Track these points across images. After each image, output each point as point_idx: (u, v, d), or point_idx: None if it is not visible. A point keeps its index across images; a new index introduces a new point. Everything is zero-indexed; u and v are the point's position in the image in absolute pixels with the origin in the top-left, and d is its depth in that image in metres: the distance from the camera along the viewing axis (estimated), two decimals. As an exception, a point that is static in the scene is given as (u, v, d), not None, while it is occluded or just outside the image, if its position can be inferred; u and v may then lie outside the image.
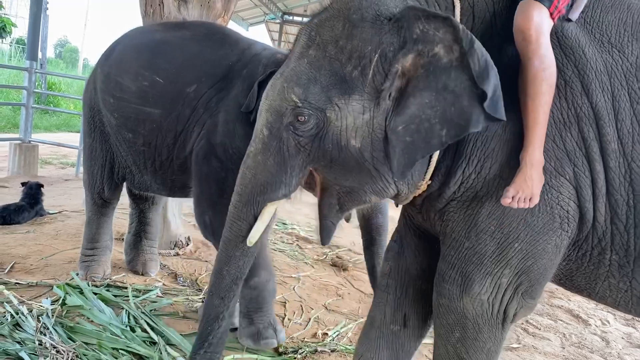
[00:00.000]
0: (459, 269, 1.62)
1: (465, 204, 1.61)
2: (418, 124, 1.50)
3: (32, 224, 4.11)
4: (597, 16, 1.57)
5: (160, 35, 2.68)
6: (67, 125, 12.50)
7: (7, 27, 17.18)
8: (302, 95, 1.55)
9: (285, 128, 1.59)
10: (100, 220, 3.10)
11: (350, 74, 1.52)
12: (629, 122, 1.50)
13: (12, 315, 2.37)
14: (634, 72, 1.51)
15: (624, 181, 1.51)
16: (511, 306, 1.63)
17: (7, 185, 5.80)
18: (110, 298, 2.74)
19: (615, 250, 1.56)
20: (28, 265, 3.17)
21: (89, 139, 2.94)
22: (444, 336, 1.71)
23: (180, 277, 3.36)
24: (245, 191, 1.68)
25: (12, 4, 28.80)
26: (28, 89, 6.77)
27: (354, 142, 1.55)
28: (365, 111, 1.53)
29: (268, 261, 2.47)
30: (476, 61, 1.43)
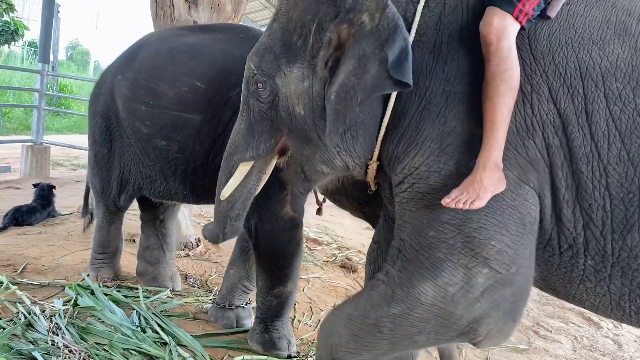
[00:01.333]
0: (426, 254, 1.53)
1: (419, 194, 1.56)
2: (345, 91, 1.52)
3: (44, 225, 4.15)
4: (582, 11, 1.54)
5: (192, 39, 2.57)
6: (78, 127, 12.59)
7: (19, 30, 17.34)
8: (258, 64, 1.69)
9: (251, 95, 1.74)
10: (112, 226, 3.04)
11: (295, 43, 1.62)
12: (604, 124, 1.45)
13: (24, 316, 2.39)
14: (613, 72, 1.46)
15: (599, 185, 1.46)
16: (486, 322, 1.53)
17: (20, 187, 5.86)
18: (121, 299, 2.75)
19: (590, 255, 1.51)
20: (40, 266, 3.20)
21: (102, 148, 2.81)
22: (375, 302, 1.61)
23: (190, 278, 3.37)
24: (227, 149, 1.87)
25: (25, 7, 29.09)
26: (40, 92, 6.84)
27: (299, 109, 1.66)
28: (304, 79, 1.62)
29: (297, 274, 2.44)
30: (385, 25, 1.46)
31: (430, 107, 1.55)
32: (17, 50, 23.25)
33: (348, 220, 5.00)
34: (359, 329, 1.63)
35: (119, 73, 2.68)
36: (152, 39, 2.80)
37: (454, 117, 1.53)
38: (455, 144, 1.53)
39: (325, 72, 1.58)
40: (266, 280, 2.37)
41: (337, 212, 3.90)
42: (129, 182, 2.79)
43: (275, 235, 2.31)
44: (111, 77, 2.74)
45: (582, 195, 1.48)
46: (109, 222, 3.01)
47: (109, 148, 2.78)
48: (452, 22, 1.58)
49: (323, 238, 4.69)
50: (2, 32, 16.69)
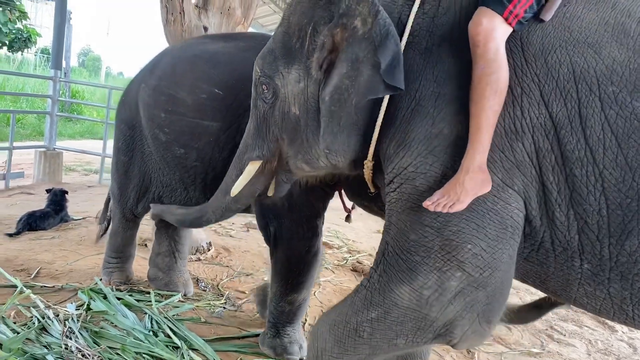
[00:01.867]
0: (405, 257, 1.55)
1: (405, 196, 1.57)
2: (340, 94, 1.57)
3: (57, 230, 4.19)
4: (579, 13, 1.51)
5: (213, 47, 2.57)
6: (90, 133, 12.72)
7: (32, 37, 17.54)
8: (261, 66, 1.77)
9: (259, 97, 1.82)
10: (127, 233, 3.06)
11: (294, 45, 1.68)
12: (599, 128, 1.42)
13: (38, 320, 2.41)
14: (609, 76, 1.43)
15: (594, 190, 1.43)
16: (461, 324, 1.54)
17: (33, 192, 5.92)
18: (133, 303, 2.77)
19: (586, 259, 1.49)
20: (53, 270, 3.23)
21: (124, 156, 2.83)
22: (356, 307, 1.63)
23: (201, 282, 3.38)
24: (240, 148, 1.96)
25: (37, 14, 29.44)
26: (53, 98, 6.90)
27: (294, 109, 1.71)
28: (300, 80, 1.67)
29: (312, 282, 2.44)
30: (378, 31, 1.50)
31: (419, 109, 1.56)
32: (30, 57, 23.51)
33: (359, 223, 4.99)
34: (342, 334, 1.66)
35: (143, 81, 2.70)
36: (175, 47, 2.82)
37: (442, 118, 1.53)
38: (442, 146, 1.53)
39: (319, 74, 1.63)
40: (281, 286, 2.38)
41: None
42: (149, 190, 2.80)
43: (293, 243, 2.32)
44: (136, 85, 2.76)
45: (576, 199, 1.46)
46: (125, 228, 3.04)
47: (130, 157, 2.80)
48: (444, 23, 1.59)
49: (334, 241, 4.68)
50: (16, 40, 16.89)
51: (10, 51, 18.16)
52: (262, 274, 3.72)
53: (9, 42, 16.90)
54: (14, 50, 17.82)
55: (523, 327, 3.44)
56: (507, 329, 3.37)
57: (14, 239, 3.84)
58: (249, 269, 3.80)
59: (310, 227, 2.31)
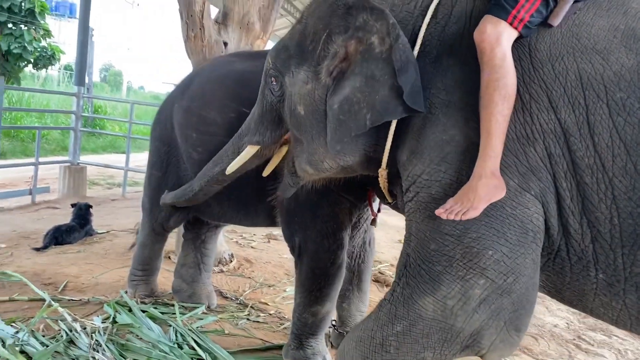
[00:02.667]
0: (426, 268, 1.54)
1: (423, 205, 1.57)
2: (350, 105, 1.59)
3: (82, 244, 4.26)
4: (589, 20, 1.49)
5: (241, 66, 2.62)
6: (112, 147, 12.93)
7: (56, 55, 17.93)
8: (274, 59, 1.82)
9: (267, 87, 1.90)
10: (155, 246, 3.11)
11: (307, 47, 1.71)
12: (607, 135, 1.40)
13: (66, 333, 2.45)
14: (617, 82, 1.41)
15: (605, 198, 1.41)
16: (488, 333, 1.51)
17: (58, 206, 6.04)
18: (158, 316, 2.80)
19: (601, 268, 1.46)
20: (80, 283, 3.28)
21: (157, 171, 2.91)
22: (381, 322, 1.62)
23: (225, 294, 3.40)
24: (242, 130, 2.08)
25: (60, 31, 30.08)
26: (76, 113, 7.05)
27: (300, 109, 1.75)
28: (308, 82, 1.71)
29: (336, 294, 2.44)
30: (398, 57, 1.52)
31: (430, 117, 1.57)
32: (54, 73, 24.05)
33: (380, 233, 4.97)
34: (368, 349, 1.64)
35: (176, 101, 2.79)
36: (206, 67, 2.88)
37: (453, 125, 1.53)
38: (455, 153, 1.53)
39: (328, 80, 1.65)
40: (305, 298, 2.38)
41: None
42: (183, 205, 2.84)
43: (318, 255, 2.32)
44: (170, 105, 2.85)
45: (588, 207, 1.44)
46: (153, 242, 3.09)
47: (164, 172, 2.87)
48: (455, 32, 1.60)
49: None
50: (40, 57, 17.28)
51: (35, 68, 18.60)
52: (283, 285, 3.73)
53: (33, 60, 17.32)
54: (38, 67, 18.24)
55: (550, 337, 3.39)
56: (534, 338, 3.32)
57: (41, 253, 3.92)
58: (271, 280, 3.81)
59: (335, 239, 2.31)
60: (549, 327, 3.57)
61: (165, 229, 3.03)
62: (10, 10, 16.30)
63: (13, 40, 16.41)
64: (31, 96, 13.83)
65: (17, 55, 16.60)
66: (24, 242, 4.20)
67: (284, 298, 3.46)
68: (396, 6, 1.69)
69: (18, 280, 3.15)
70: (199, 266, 3.17)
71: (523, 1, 1.47)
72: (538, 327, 3.53)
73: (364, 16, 1.58)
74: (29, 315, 2.69)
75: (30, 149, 10.11)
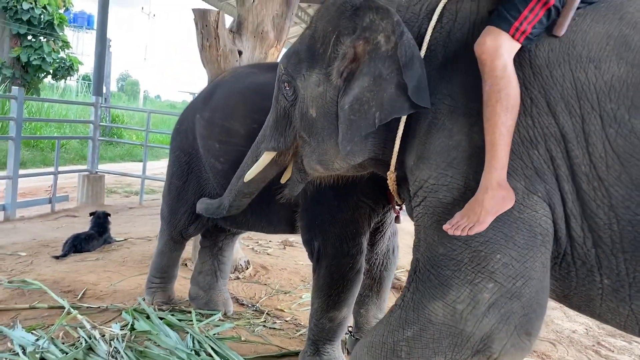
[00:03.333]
0: (435, 272, 1.53)
1: (431, 209, 1.57)
2: (360, 104, 1.61)
3: (101, 252, 4.31)
4: (586, 26, 1.48)
5: (262, 78, 2.64)
6: (130, 155, 13.07)
7: (74, 66, 18.22)
8: (285, 65, 1.85)
9: (280, 92, 1.91)
10: (173, 254, 3.15)
11: (318, 50, 1.74)
12: (600, 146, 1.39)
13: (85, 340, 2.48)
14: (607, 92, 1.39)
15: (602, 205, 1.41)
16: (498, 337, 1.49)
17: (77, 215, 6.12)
18: (175, 323, 2.82)
19: (605, 274, 1.45)
20: (98, 291, 3.32)
21: (178, 180, 2.94)
22: (392, 327, 1.62)
23: (240, 301, 3.42)
24: (259, 138, 2.11)
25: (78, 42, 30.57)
26: (95, 123, 7.14)
27: (312, 111, 1.77)
28: (320, 84, 1.73)
29: (353, 300, 2.44)
30: (403, 53, 1.53)
31: (435, 122, 1.58)
32: (72, 84, 24.43)
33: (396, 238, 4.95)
34: (380, 355, 1.64)
35: (198, 112, 2.83)
36: (226, 78, 2.92)
37: (459, 131, 1.54)
38: (461, 157, 1.53)
39: (339, 81, 1.68)
40: (322, 303, 2.38)
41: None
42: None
43: (337, 259, 2.32)
44: (191, 115, 2.89)
45: (587, 213, 1.44)
46: (171, 250, 3.13)
47: (184, 181, 2.91)
48: (459, 39, 1.61)
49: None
50: (59, 68, 17.58)
51: (54, 79, 18.92)
52: (299, 292, 3.74)
53: (52, 71, 17.62)
54: (57, 78, 18.56)
55: (569, 343, 3.35)
56: (552, 344, 3.28)
57: (61, 261, 3.97)
58: (287, 287, 3.82)
59: (355, 244, 2.32)
60: (567, 332, 3.53)
61: (184, 237, 3.07)
62: (30, 22, 16.63)
63: (32, 52, 16.74)
64: (50, 106, 14.04)
65: (37, 66, 16.93)
66: (44, 250, 4.26)
67: (300, 305, 3.47)
68: (402, 7, 1.71)
69: (38, 288, 3.20)
70: (216, 273, 3.19)
71: (526, 12, 1.46)
72: (556, 332, 3.49)
73: (370, 16, 1.60)
74: (48, 323, 2.73)
75: (50, 159, 10.26)
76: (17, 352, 2.36)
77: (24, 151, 10.14)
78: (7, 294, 3.14)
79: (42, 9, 16.80)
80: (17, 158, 5.86)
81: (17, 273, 3.56)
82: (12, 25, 16.54)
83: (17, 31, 16.61)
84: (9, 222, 5.66)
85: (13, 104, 5.89)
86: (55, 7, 17.28)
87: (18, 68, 16.80)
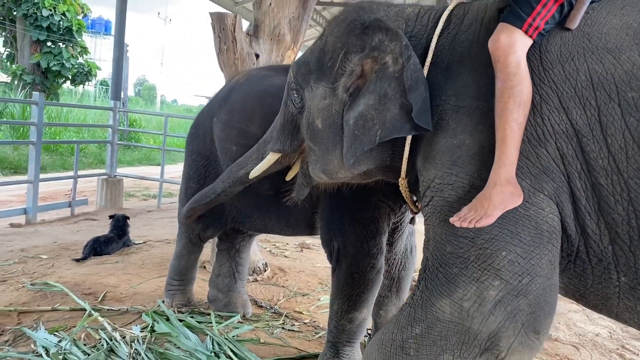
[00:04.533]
0: (443, 271, 1.55)
1: (437, 208, 1.59)
2: (364, 121, 1.66)
3: (120, 254, 4.35)
4: (602, 19, 1.47)
5: (278, 80, 2.63)
6: (147, 159, 13.21)
7: (92, 71, 18.47)
8: (295, 73, 1.91)
9: (289, 98, 1.98)
10: (191, 256, 3.16)
11: (326, 63, 1.79)
12: (620, 136, 1.38)
13: (107, 342, 2.51)
14: (628, 81, 1.38)
15: (622, 199, 1.39)
16: (505, 335, 1.49)
17: (96, 218, 6.19)
18: (194, 325, 2.83)
19: (622, 271, 1.44)
20: (118, 293, 3.35)
21: (194, 183, 2.94)
22: (401, 325, 1.63)
23: (259, 303, 3.42)
24: (265, 137, 2.20)
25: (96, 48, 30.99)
26: (113, 127, 7.23)
27: (317, 122, 1.83)
28: (326, 97, 1.78)
29: (373, 301, 2.43)
30: (409, 76, 1.57)
31: (441, 122, 1.60)
32: (90, 89, 24.76)
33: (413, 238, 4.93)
34: (389, 352, 1.65)
35: (214, 115, 2.84)
36: (241, 81, 2.92)
37: (463, 130, 1.56)
38: (466, 156, 1.54)
39: (345, 96, 1.72)
40: (342, 303, 2.37)
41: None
42: (222, 216, 2.89)
43: (357, 259, 2.32)
44: (208, 118, 2.90)
45: (605, 209, 1.42)
46: (189, 252, 3.14)
47: (202, 184, 2.90)
48: (465, 40, 1.63)
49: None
50: (78, 74, 17.85)
51: (73, 85, 19.21)
52: (317, 294, 3.73)
53: (71, 76, 17.90)
54: (76, 83, 18.85)
55: (592, 346, 3.30)
56: (575, 348, 3.23)
57: (81, 263, 4.02)
58: (305, 289, 3.82)
59: (375, 243, 2.30)
60: (591, 336, 3.47)
61: (202, 240, 3.08)
62: (49, 29, 16.93)
63: (52, 58, 17.03)
64: (69, 111, 14.25)
65: (56, 72, 17.22)
66: (64, 253, 4.31)
67: (318, 307, 3.47)
68: (410, 20, 1.76)
69: (60, 291, 3.24)
70: (234, 275, 3.21)
71: (539, 8, 1.47)
72: (579, 336, 3.44)
73: (380, 36, 1.65)
74: (70, 325, 2.76)
75: (69, 163, 10.41)
76: (40, 354, 2.39)
77: (44, 156, 10.29)
78: (30, 296, 3.19)
79: (62, 15, 17.08)
80: (37, 162, 5.95)
81: (39, 276, 3.61)
82: (32, 32, 16.85)
83: (37, 38, 16.91)
84: (30, 225, 5.75)
85: (34, 109, 5.99)
86: (73, 14, 17.56)
87: (38, 74, 17.11)
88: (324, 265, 4.46)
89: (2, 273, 3.63)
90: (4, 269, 3.75)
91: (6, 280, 3.47)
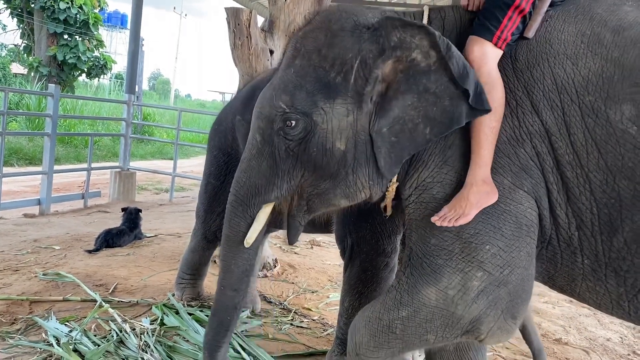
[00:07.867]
0: (428, 261, 1.65)
1: (424, 204, 1.68)
2: (402, 124, 1.63)
3: (132, 247, 4.38)
4: (559, 26, 1.62)
5: None
6: (160, 153, 13.29)
7: (108, 64, 18.61)
8: (289, 102, 1.66)
9: (276, 133, 1.69)
10: (205, 253, 3.17)
11: (333, 79, 1.64)
12: (581, 135, 1.54)
13: (117, 333, 2.53)
14: (585, 86, 1.54)
15: (584, 190, 1.55)
16: (486, 321, 1.62)
17: (109, 210, 6.24)
18: (204, 319, 2.84)
19: (585, 255, 1.60)
20: (129, 285, 3.38)
21: (215, 180, 2.94)
22: (388, 306, 1.73)
23: (268, 299, 3.43)
24: (240, 192, 1.78)
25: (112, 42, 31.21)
26: (127, 120, 7.28)
27: (339, 145, 1.65)
28: (349, 114, 1.64)
29: None
30: (455, 64, 1.57)
31: None
32: (105, 82, 24.94)
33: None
34: (376, 329, 1.75)
35: (238, 113, 2.79)
36: (265, 80, 2.90)
37: (452, 132, 1.65)
38: (456, 156, 1.66)
39: (370, 106, 1.65)
40: (354, 301, 2.36)
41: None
42: None
43: (371, 257, 2.31)
44: (231, 116, 2.89)
45: (572, 199, 1.58)
46: (204, 248, 3.14)
47: (222, 181, 2.91)
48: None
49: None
50: (93, 67, 18.00)
51: (88, 77, 19.38)
52: (327, 291, 3.74)
53: (87, 69, 18.04)
54: (91, 76, 19.01)
55: (602, 351, 3.26)
56: (585, 352, 3.20)
57: (93, 255, 4.06)
58: (314, 286, 3.82)
59: (390, 242, 2.30)
60: (601, 340, 3.44)
61: (218, 237, 3.05)
62: (66, 22, 17.07)
63: (68, 51, 17.18)
64: (84, 104, 14.36)
65: (72, 65, 17.37)
66: (77, 244, 4.35)
67: (328, 304, 3.47)
68: None
69: (71, 281, 3.27)
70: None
71: (505, 21, 1.61)
72: (590, 340, 3.41)
73: (398, 34, 1.61)
74: (81, 315, 2.79)
75: (83, 155, 10.51)
76: (51, 343, 2.42)
77: (59, 147, 10.39)
78: (42, 286, 3.22)
79: (79, 8, 17.22)
80: (52, 154, 6.01)
81: (51, 266, 3.64)
82: (49, 24, 17.00)
83: (54, 30, 17.07)
84: (44, 216, 5.81)
85: (49, 101, 6.05)
86: (90, 7, 17.69)
87: (54, 66, 17.27)
88: (333, 262, 4.46)
89: (15, 263, 3.68)
90: (17, 258, 3.79)
91: (19, 270, 3.51)
